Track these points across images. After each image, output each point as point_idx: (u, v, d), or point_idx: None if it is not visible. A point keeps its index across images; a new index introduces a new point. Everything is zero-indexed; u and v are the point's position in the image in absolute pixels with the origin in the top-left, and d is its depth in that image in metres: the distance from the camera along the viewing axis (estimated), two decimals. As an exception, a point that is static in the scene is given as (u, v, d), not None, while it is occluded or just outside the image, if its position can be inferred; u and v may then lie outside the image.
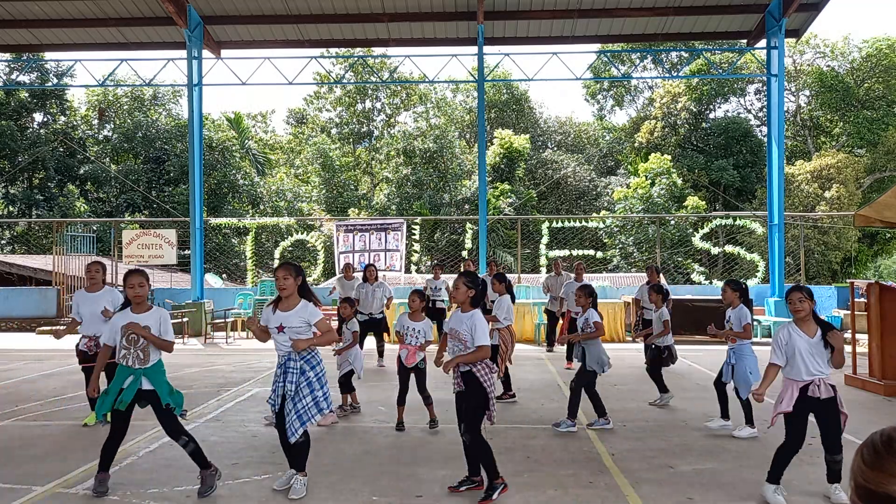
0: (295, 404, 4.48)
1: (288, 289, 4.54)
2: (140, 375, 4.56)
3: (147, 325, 4.59)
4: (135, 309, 4.69)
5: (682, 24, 15.84)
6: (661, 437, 6.17)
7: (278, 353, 4.63)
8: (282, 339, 4.56)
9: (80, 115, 32.89)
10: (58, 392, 8.36)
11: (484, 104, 16.53)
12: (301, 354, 4.55)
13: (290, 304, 4.57)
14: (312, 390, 4.54)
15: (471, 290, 4.60)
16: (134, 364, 4.56)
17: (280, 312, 4.58)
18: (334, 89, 35.55)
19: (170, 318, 4.78)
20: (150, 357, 4.60)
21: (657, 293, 7.78)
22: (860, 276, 25.66)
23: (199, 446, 4.67)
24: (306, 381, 4.53)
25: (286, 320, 4.54)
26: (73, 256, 17.12)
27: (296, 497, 4.50)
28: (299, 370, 4.53)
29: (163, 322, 4.68)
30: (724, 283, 6.59)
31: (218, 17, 15.42)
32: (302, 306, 4.57)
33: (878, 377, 8.28)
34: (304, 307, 4.57)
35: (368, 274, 10.62)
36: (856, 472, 1.35)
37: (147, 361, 4.58)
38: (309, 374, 4.55)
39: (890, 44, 29.36)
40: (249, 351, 12.59)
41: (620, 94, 36.87)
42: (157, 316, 4.69)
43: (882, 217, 8.86)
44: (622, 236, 25.78)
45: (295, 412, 4.47)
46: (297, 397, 4.49)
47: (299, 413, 4.48)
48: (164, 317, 4.72)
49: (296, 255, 21.10)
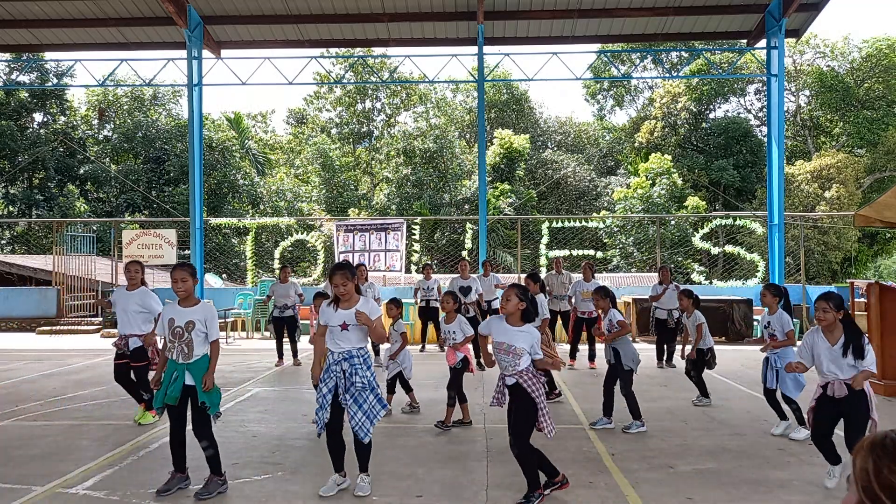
0: (360, 405, 4.49)
1: (348, 292, 4.57)
2: (184, 370, 4.58)
3: (193, 320, 4.62)
4: (182, 303, 4.72)
5: (682, 24, 15.84)
6: (661, 437, 6.17)
7: (333, 352, 4.60)
8: (342, 337, 4.56)
9: (80, 115, 32.88)
10: (58, 392, 8.36)
11: (484, 104, 16.53)
12: (361, 351, 4.58)
13: (351, 302, 4.59)
14: (374, 388, 4.58)
15: (522, 302, 4.50)
16: (178, 358, 4.59)
17: (342, 311, 4.58)
18: (334, 89, 35.54)
19: (216, 316, 4.79)
20: (195, 351, 4.61)
21: (688, 297, 7.74)
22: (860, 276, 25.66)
23: (218, 452, 4.68)
24: (367, 381, 4.55)
25: (350, 318, 4.55)
26: (73, 256, 17.12)
27: (362, 494, 4.57)
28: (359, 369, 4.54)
29: (209, 319, 4.69)
30: (764, 287, 6.47)
31: (218, 17, 15.42)
32: (363, 302, 4.60)
33: (878, 377, 8.26)
34: (365, 303, 4.60)
35: (359, 273, 10.60)
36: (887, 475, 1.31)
37: (191, 356, 4.60)
38: (367, 374, 4.57)
39: (890, 44, 29.36)
40: (249, 351, 12.60)
41: (620, 94, 36.87)
42: (204, 311, 4.72)
43: (882, 217, 8.86)
44: (622, 236, 25.77)
45: (362, 412, 4.48)
46: (360, 398, 4.49)
47: (366, 412, 4.49)
48: (210, 313, 4.73)
49: (296, 255, 21.10)
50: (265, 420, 6.84)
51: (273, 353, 10.86)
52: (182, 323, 4.62)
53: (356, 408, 4.48)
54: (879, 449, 1.35)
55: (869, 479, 1.33)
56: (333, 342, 4.59)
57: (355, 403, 4.48)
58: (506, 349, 4.47)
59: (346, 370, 4.51)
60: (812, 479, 4.91)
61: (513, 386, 4.49)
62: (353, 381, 4.49)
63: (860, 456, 1.37)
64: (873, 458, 1.34)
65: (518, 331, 4.47)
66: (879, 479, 1.32)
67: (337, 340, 4.57)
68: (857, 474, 1.36)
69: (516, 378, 4.45)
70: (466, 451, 5.70)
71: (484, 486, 4.83)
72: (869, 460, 1.35)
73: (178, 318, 4.64)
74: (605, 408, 6.50)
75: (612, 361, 6.50)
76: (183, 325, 4.61)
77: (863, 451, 1.38)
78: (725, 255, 18.03)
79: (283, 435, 6.24)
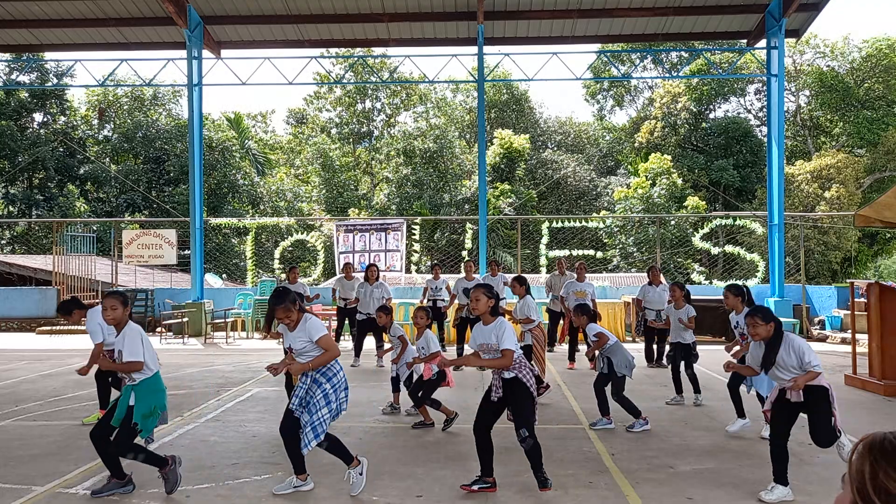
0: (311, 415, 4.47)
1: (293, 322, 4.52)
2: (129, 392, 4.55)
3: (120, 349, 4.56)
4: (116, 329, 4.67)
5: (682, 24, 15.84)
6: (661, 437, 6.17)
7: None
8: (300, 354, 4.57)
9: (80, 115, 32.88)
10: (58, 392, 8.36)
11: (484, 104, 16.52)
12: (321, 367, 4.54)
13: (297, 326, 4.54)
14: (328, 403, 4.51)
15: (491, 299, 4.65)
16: (125, 380, 4.64)
17: (291, 333, 4.58)
18: (334, 89, 35.54)
19: (137, 335, 4.59)
20: (134, 375, 4.57)
21: (681, 289, 7.75)
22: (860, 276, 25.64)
23: (148, 452, 4.58)
24: (322, 394, 4.50)
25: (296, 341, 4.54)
26: (73, 256, 17.12)
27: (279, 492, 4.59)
28: (314, 387, 4.52)
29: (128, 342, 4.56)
30: (725, 289, 6.52)
31: (218, 17, 15.42)
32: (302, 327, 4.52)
33: (878, 377, 8.27)
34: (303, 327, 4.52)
35: (370, 274, 10.62)
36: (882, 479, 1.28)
37: (134, 378, 4.57)
38: (326, 387, 4.52)
39: (890, 44, 29.35)
40: (249, 351, 12.60)
41: (620, 94, 36.84)
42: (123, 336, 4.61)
43: (882, 217, 8.86)
44: (622, 236, 25.76)
45: (310, 425, 4.45)
46: (312, 408, 4.48)
47: (313, 424, 4.45)
48: (129, 335, 4.60)
49: (296, 255, 21.10)
50: (265, 420, 6.83)
51: (273, 354, 10.85)
52: (116, 350, 4.63)
53: (307, 417, 4.47)
54: (878, 452, 1.32)
55: (864, 481, 1.30)
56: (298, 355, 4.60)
57: (307, 413, 4.48)
58: (487, 349, 4.63)
59: (306, 384, 4.56)
60: (812, 479, 4.91)
61: (511, 380, 4.60)
62: (310, 394, 4.51)
63: (857, 456, 1.35)
64: (870, 461, 1.31)
65: (492, 327, 4.63)
66: (875, 482, 1.30)
67: (298, 357, 4.58)
68: (853, 475, 1.33)
69: (515, 372, 4.57)
70: (466, 451, 5.69)
71: (484, 486, 4.82)
72: (866, 462, 1.32)
73: (116, 344, 4.65)
74: (601, 409, 6.50)
75: (604, 371, 6.45)
76: (117, 353, 4.62)
77: (860, 451, 1.35)
78: (725, 256, 18.03)
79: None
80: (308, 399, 4.50)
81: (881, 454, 1.31)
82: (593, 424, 6.49)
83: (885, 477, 1.28)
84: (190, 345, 13.51)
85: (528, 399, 4.59)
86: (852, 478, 1.33)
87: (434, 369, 6.41)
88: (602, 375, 6.49)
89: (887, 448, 1.31)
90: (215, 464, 5.36)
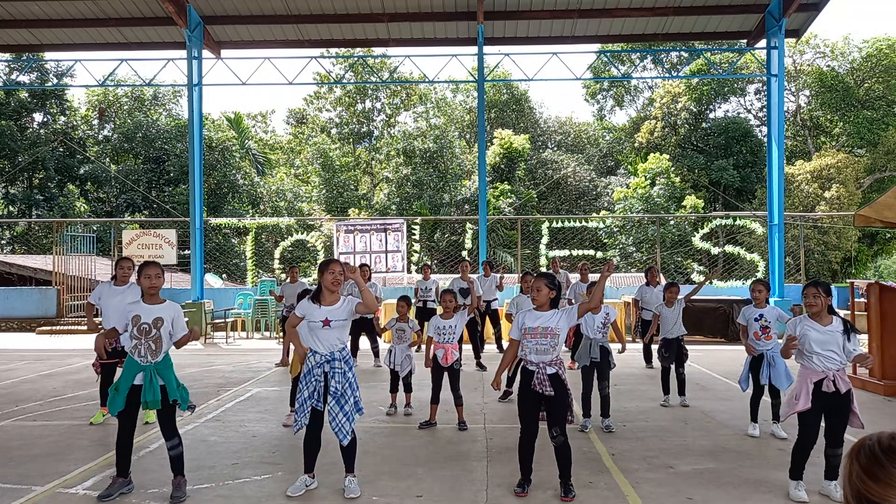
0: (342, 406, 4.47)
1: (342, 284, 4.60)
2: (153, 372, 4.48)
3: (161, 317, 4.56)
4: (147, 300, 4.63)
5: (682, 24, 15.83)
6: (661, 437, 6.16)
7: (316, 353, 4.55)
8: (324, 335, 4.51)
9: (80, 115, 32.86)
10: (58, 392, 8.36)
11: (484, 104, 16.52)
12: (342, 353, 4.55)
13: (334, 298, 4.59)
14: (354, 391, 4.57)
15: (552, 291, 4.62)
16: (146, 356, 4.48)
17: (325, 307, 4.55)
18: (334, 89, 35.53)
19: (183, 314, 4.74)
20: (162, 349, 4.54)
21: (676, 289, 7.75)
22: (860, 276, 25.67)
23: (182, 453, 4.64)
24: (348, 383, 4.54)
25: (332, 314, 4.52)
26: (73, 256, 17.12)
27: (353, 496, 4.54)
28: (342, 371, 4.52)
29: (176, 318, 4.63)
30: (757, 282, 6.56)
31: (218, 17, 15.42)
32: (345, 301, 4.61)
33: (878, 377, 8.28)
34: (348, 302, 4.61)
35: (363, 273, 10.61)
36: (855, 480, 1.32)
37: (158, 354, 4.52)
38: (349, 375, 4.55)
39: (890, 44, 29.34)
40: (249, 351, 12.59)
41: (620, 94, 36.84)
42: (172, 310, 4.65)
43: (882, 217, 8.86)
44: (622, 236, 25.75)
45: (343, 413, 4.46)
46: (342, 399, 4.48)
47: (347, 413, 4.48)
48: (178, 312, 4.67)
49: (296, 255, 21.09)
50: (265, 420, 6.83)
51: (273, 353, 10.85)
52: (150, 320, 4.53)
53: (337, 409, 4.46)
54: (856, 455, 1.36)
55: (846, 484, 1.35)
56: (315, 341, 4.54)
57: (337, 405, 4.47)
58: (544, 333, 4.51)
59: (327, 372, 4.50)
60: (812, 479, 4.91)
61: (553, 375, 4.53)
62: (333, 383, 4.47)
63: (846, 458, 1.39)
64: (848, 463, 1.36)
65: (551, 313, 4.58)
66: (850, 483, 1.34)
67: (318, 340, 4.53)
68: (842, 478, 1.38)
69: (556, 368, 4.53)
70: (466, 451, 5.70)
71: (484, 486, 4.83)
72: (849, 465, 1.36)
73: (145, 314, 4.54)
74: (584, 405, 6.53)
75: (596, 359, 6.50)
76: (150, 322, 4.52)
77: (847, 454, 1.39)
78: (725, 255, 18.02)
79: (283, 435, 6.24)
80: (336, 389, 4.47)
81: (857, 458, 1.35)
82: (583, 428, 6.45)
83: (857, 479, 1.32)
84: (190, 345, 13.47)
85: (567, 397, 4.57)
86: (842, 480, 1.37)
87: (455, 355, 6.49)
88: (592, 366, 6.54)
89: (863, 453, 1.34)
90: (215, 464, 5.36)
